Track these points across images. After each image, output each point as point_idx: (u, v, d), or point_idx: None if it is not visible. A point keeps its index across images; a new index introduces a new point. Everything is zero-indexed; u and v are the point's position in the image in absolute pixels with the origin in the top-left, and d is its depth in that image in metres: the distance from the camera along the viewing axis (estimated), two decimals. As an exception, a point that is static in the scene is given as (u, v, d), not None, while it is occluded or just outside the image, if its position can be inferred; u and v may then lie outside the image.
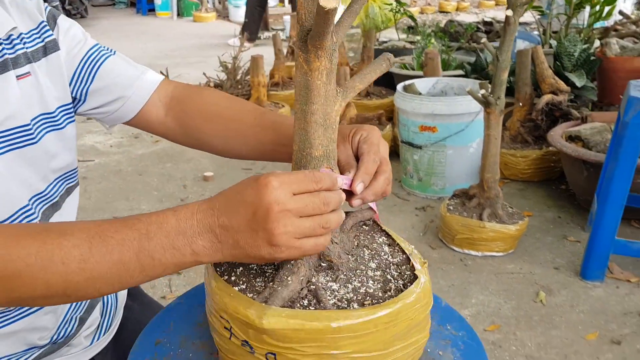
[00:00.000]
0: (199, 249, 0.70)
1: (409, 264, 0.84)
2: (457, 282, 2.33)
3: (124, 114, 1.07)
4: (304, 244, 0.72)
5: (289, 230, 0.69)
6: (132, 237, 0.68)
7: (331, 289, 0.81)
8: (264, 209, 0.68)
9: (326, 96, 0.81)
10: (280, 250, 0.70)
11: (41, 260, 0.66)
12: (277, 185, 0.69)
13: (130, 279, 0.70)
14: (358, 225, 0.98)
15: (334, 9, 0.71)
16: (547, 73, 3.29)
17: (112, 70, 1.04)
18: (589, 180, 2.73)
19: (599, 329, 2.03)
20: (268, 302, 0.76)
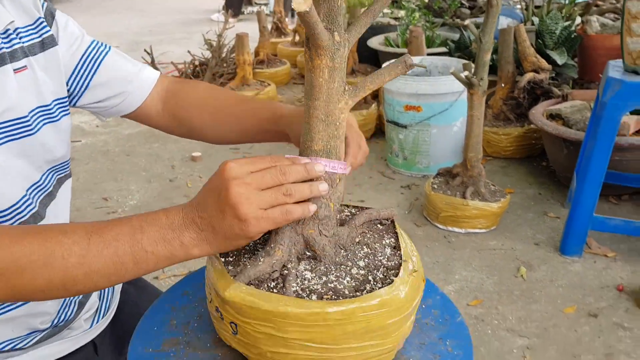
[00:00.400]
0: (187, 241, 0.75)
1: (399, 270, 0.85)
2: (441, 259, 2.41)
3: (124, 108, 1.12)
4: (272, 213, 0.76)
5: (252, 201, 0.74)
6: (126, 231, 0.74)
7: (304, 277, 0.86)
8: (224, 188, 0.74)
9: (329, 93, 0.84)
10: (250, 223, 0.74)
11: (43, 257, 0.71)
12: (234, 166, 0.75)
13: (125, 272, 0.75)
14: (372, 223, 1.02)
15: (304, 11, 0.75)
16: (529, 51, 3.34)
17: (112, 66, 1.08)
18: (568, 158, 2.81)
19: (576, 302, 2.12)
20: (236, 277, 0.83)
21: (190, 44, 6.84)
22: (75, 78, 1.05)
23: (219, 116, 1.15)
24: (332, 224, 0.93)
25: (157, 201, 3.03)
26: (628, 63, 2.19)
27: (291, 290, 0.82)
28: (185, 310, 1.00)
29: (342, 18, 0.85)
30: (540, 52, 3.49)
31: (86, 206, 2.99)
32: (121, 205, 3.00)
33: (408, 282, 0.82)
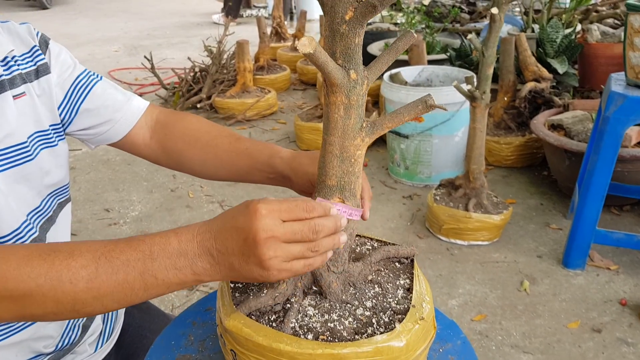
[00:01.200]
0: (199, 270, 0.75)
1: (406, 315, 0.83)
2: (444, 272, 2.41)
3: (111, 136, 1.12)
4: (294, 265, 0.76)
5: (278, 255, 0.74)
6: (136, 257, 0.73)
7: (306, 313, 0.85)
8: (252, 236, 0.73)
9: (344, 130, 0.84)
10: (271, 274, 0.75)
11: (50, 280, 0.71)
12: (265, 213, 0.74)
13: (135, 297, 0.75)
14: (390, 261, 1.00)
15: (309, 53, 0.75)
16: (530, 60, 3.34)
17: (102, 95, 1.08)
18: (570, 169, 2.81)
19: (580, 317, 2.13)
20: (238, 307, 0.84)
21: (189, 49, 6.84)
22: (66, 105, 1.05)
23: (210, 152, 1.14)
24: (342, 260, 0.92)
25: (159, 212, 3.03)
26: (631, 77, 2.19)
27: (289, 326, 0.82)
28: (205, 326, 1.02)
29: (359, 56, 0.84)
30: (540, 60, 3.50)
31: (88, 217, 2.99)
32: (123, 217, 2.99)
33: (411, 331, 0.80)
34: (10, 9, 10.72)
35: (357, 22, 0.82)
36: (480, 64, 2.37)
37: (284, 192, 3.05)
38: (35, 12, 10.49)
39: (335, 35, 0.83)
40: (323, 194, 0.89)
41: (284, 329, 0.81)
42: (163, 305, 2.27)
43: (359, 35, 0.84)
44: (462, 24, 5.49)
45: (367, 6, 0.80)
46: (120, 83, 5.61)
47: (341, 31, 0.82)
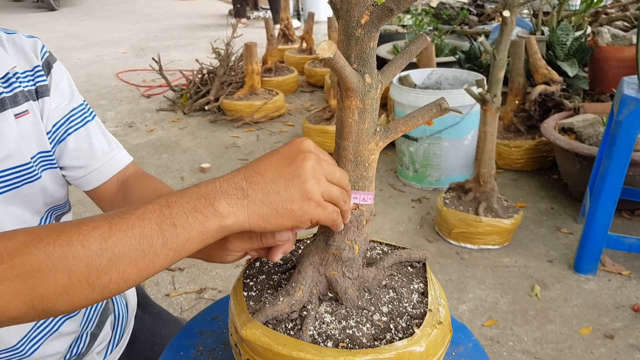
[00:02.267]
0: (223, 208, 0.67)
1: (423, 319, 0.82)
2: (454, 277, 2.39)
3: (84, 184, 1.06)
4: (329, 207, 0.73)
5: (321, 185, 0.71)
6: (152, 209, 0.66)
7: (323, 320, 0.84)
8: (301, 157, 0.70)
9: (358, 134, 0.83)
10: (310, 204, 0.70)
11: (60, 247, 0.62)
12: (313, 143, 0.74)
13: (154, 256, 0.65)
14: (402, 265, 1.00)
15: (328, 58, 0.74)
16: (540, 63, 3.32)
17: (87, 136, 1.04)
18: (581, 173, 2.79)
19: (592, 323, 2.11)
20: (254, 315, 0.82)
21: (197, 50, 6.84)
22: (52, 135, 1.00)
23: None
24: (356, 266, 0.91)
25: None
26: (644, 81, 2.17)
27: (307, 334, 0.81)
28: (214, 336, 1.00)
29: (374, 60, 0.83)
30: (550, 63, 3.48)
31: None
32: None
33: (430, 335, 0.79)
34: (18, 11, 10.76)
35: (373, 26, 0.81)
36: (492, 67, 2.35)
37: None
38: (44, 14, 10.53)
39: (351, 39, 0.82)
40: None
41: (302, 337, 0.79)
42: (172, 308, 2.27)
43: (374, 39, 0.83)
44: (471, 26, 5.47)
45: (383, 10, 0.79)
46: (129, 84, 5.62)
47: (356, 35, 0.81)
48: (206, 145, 3.97)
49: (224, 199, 0.68)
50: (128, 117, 4.64)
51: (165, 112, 4.71)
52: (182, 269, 2.51)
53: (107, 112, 4.80)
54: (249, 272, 0.99)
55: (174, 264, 2.53)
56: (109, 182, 1.06)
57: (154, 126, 4.41)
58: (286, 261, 1.03)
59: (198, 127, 4.35)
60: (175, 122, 4.46)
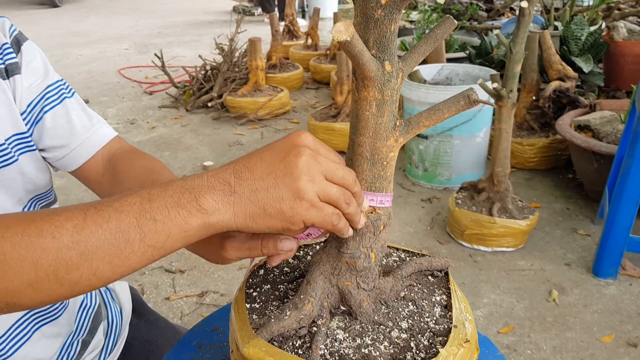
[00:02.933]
0: (208, 204, 0.61)
1: (447, 337, 0.74)
2: (467, 280, 2.28)
3: (67, 164, 0.99)
4: (326, 208, 0.65)
5: (316, 183, 0.63)
6: (132, 201, 0.60)
7: (335, 337, 0.76)
8: (295, 152, 0.63)
9: (376, 129, 0.74)
10: (302, 205, 0.63)
11: (28, 237, 0.57)
12: (312, 138, 0.66)
13: (131, 253, 0.59)
14: (422, 274, 0.91)
15: (345, 41, 0.65)
16: (554, 59, 3.21)
17: (65, 113, 0.97)
18: (599, 172, 2.68)
19: (614, 330, 2.00)
20: (257, 331, 0.74)
21: (201, 47, 6.76)
22: (27, 115, 0.93)
23: None
24: (372, 276, 0.83)
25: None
26: (669, 75, 2.06)
27: (317, 353, 0.72)
28: (213, 349, 0.93)
29: (394, 45, 0.74)
30: (564, 58, 3.36)
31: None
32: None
33: (457, 356, 0.70)
34: (20, 7, 10.71)
35: (395, 6, 0.72)
36: (508, 60, 2.24)
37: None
38: (46, 10, 10.46)
39: (369, 22, 0.72)
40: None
41: (312, 357, 0.71)
42: (172, 312, 2.17)
43: (395, 22, 0.73)
44: (480, 21, 5.36)
45: (407, -13, 0.69)
46: (131, 81, 5.53)
47: (376, 17, 0.72)
48: (209, 142, 3.87)
49: (209, 195, 0.62)
50: (130, 114, 4.55)
51: (168, 109, 4.62)
52: (182, 271, 2.42)
53: (109, 109, 4.71)
54: (252, 281, 0.91)
55: (174, 266, 2.44)
56: (94, 159, 1.00)
57: (156, 123, 4.32)
58: (293, 269, 0.94)
59: (201, 124, 4.25)
60: (178, 119, 4.37)
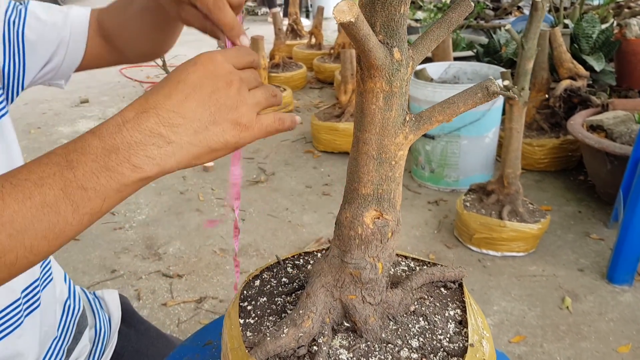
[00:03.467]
0: (143, 162, 0.56)
1: (463, 357, 0.66)
2: (476, 287, 2.19)
3: (73, 60, 0.94)
4: (264, 119, 0.65)
5: (248, 102, 0.63)
6: (50, 172, 0.54)
7: (338, 357, 0.69)
8: (223, 83, 0.61)
9: (383, 124, 0.66)
10: (244, 129, 0.62)
11: None
12: (223, 58, 0.62)
13: (66, 224, 0.54)
14: (434, 286, 0.82)
15: (349, 22, 0.56)
16: (565, 57, 3.12)
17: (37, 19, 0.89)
18: (612, 174, 2.58)
19: (631, 340, 1.90)
20: (251, 351, 0.67)
21: (204, 46, 6.67)
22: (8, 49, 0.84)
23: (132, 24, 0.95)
24: (379, 288, 0.75)
25: (167, 216, 2.84)
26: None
27: None
28: None
29: (404, 30, 0.65)
30: (575, 57, 3.27)
31: (92, 221, 2.81)
32: (129, 220, 2.81)
33: None
34: (24, 7, 10.66)
35: None
36: (519, 57, 2.15)
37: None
38: (50, 10, 10.41)
39: (376, 3, 0.64)
40: (355, 206, 0.72)
41: None
42: (169, 319, 2.08)
43: (405, 3, 0.65)
44: (487, 20, 5.27)
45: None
46: (132, 80, 5.46)
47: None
48: (210, 143, 3.78)
49: (141, 152, 0.55)
50: (130, 114, 4.48)
51: (169, 109, 4.54)
52: (180, 275, 2.33)
53: (109, 109, 4.64)
54: (247, 292, 0.83)
55: (171, 270, 2.36)
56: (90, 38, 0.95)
57: (157, 123, 4.24)
58: (292, 279, 0.86)
59: (202, 124, 4.17)
60: (179, 119, 4.29)
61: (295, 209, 2.83)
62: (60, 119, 4.40)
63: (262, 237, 2.59)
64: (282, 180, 3.17)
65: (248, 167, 3.35)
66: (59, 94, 5.02)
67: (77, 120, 4.37)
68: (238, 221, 0.85)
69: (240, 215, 2.80)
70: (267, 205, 2.88)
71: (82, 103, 4.77)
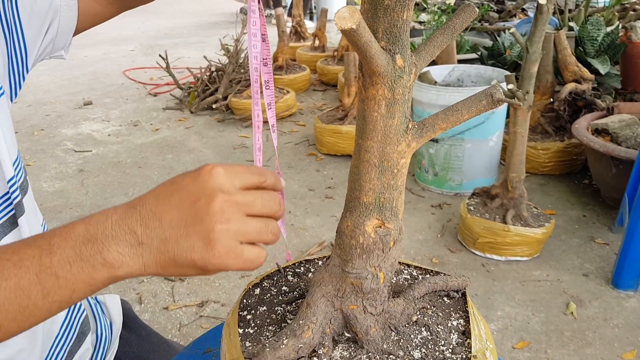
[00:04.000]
0: (113, 257, 0.55)
1: None
2: (480, 291, 2.18)
3: (67, 27, 0.92)
4: (246, 251, 0.58)
5: (232, 227, 0.57)
6: (31, 255, 0.55)
7: None
8: (206, 197, 0.57)
9: (385, 132, 0.66)
10: (216, 254, 0.56)
11: None
12: (224, 172, 0.58)
13: (35, 309, 0.55)
14: (436, 295, 0.81)
15: (350, 29, 0.55)
16: (570, 60, 3.10)
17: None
18: (617, 178, 2.56)
19: (636, 346, 1.88)
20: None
21: (207, 48, 6.69)
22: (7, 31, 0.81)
23: None
24: (381, 298, 0.74)
25: (170, 219, 2.83)
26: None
27: None
28: None
29: (407, 37, 0.64)
30: (580, 60, 3.25)
31: (94, 224, 2.80)
32: (131, 223, 2.80)
33: None
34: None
35: None
36: (524, 60, 2.13)
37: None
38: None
39: (378, 9, 0.63)
40: (357, 214, 0.71)
41: None
42: (170, 323, 2.07)
43: (408, 9, 0.64)
44: (491, 22, 5.25)
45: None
46: (135, 82, 5.46)
47: (386, 3, 0.63)
48: (213, 145, 3.78)
49: (114, 247, 0.55)
50: (133, 116, 4.47)
51: (172, 111, 4.53)
52: (182, 279, 2.32)
53: (112, 111, 4.63)
54: (247, 301, 0.82)
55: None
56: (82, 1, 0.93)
57: (160, 125, 4.23)
58: (292, 288, 0.85)
59: (205, 126, 4.16)
60: (182, 122, 4.28)
61: (298, 212, 2.81)
62: (63, 121, 4.40)
63: (265, 240, 2.58)
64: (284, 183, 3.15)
65: (251, 169, 3.34)
66: (62, 96, 5.02)
67: (80, 122, 4.37)
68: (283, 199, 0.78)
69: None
70: (270, 209, 2.87)
71: (85, 105, 4.77)
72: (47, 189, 3.13)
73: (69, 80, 5.43)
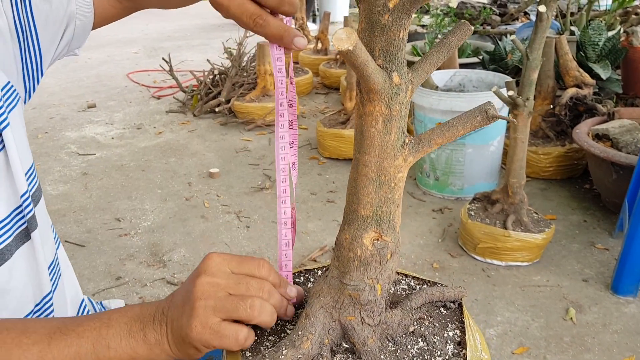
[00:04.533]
0: (150, 337, 0.65)
1: None
2: (480, 296, 2.19)
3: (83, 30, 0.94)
4: (224, 327, 0.64)
5: (209, 303, 0.64)
6: (92, 327, 0.65)
7: None
8: (195, 278, 0.67)
9: (382, 147, 0.67)
10: (194, 328, 0.63)
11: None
12: (217, 259, 0.68)
13: None
14: (433, 306, 0.83)
15: (347, 51, 0.57)
16: (571, 65, 3.11)
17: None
18: (617, 183, 2.57)
19: (635, 352, 1.90)
20: None
21: (210, 51, 6.71)
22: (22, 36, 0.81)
23: None
24: (378, 310, 0.76)
25: (173, 222, 2.85)
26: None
27: None
28: None
29: (403, 55, 0.65)
30: (581, 65, 3.26)
31: (98, 227, 2.82)
32: (134, 227, 2.82)
33: None
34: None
35: (404, 11, 0.64)
36: (524, 67, 2.15)
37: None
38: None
39: (375, 28, 0.65)
40: (355, 227, 0.72)
41: None
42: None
43: (404, 28, 0.66)
44: (493, 26, 5.26)
45: (418, -11, 0.62)
46: (139, 85, 5.48)
47: (382, 22, 0.64)
48: (216, 149, 3.80)
49: (151, 325, 0.65)
50: (136, 119, 4.49)
51: (175, 114, 4.55)
52: (185, 283, 2.33)
53: (116, 114, 4.65)
54: None
55: (176, 278, 2.36)
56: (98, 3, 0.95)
57: (163, 128, 4.25)
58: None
59: (208, 129, 4.18)
60: (185, 125, 4.30)
61: (300, 216, 2.83)
62: (67, 124, 4.42)
63: (267, 244, 2.60)
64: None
65: (253, 173, 3.36)
66: (67, 98, 5.04)
67: (84, 125, 4.39)
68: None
69: (244, 223, 2.81)
70: (272, 212, 2.88)
71: (89, 108, 4.80)
72: (51, 192, 3.15)
73: (72, 83, 5.46)
